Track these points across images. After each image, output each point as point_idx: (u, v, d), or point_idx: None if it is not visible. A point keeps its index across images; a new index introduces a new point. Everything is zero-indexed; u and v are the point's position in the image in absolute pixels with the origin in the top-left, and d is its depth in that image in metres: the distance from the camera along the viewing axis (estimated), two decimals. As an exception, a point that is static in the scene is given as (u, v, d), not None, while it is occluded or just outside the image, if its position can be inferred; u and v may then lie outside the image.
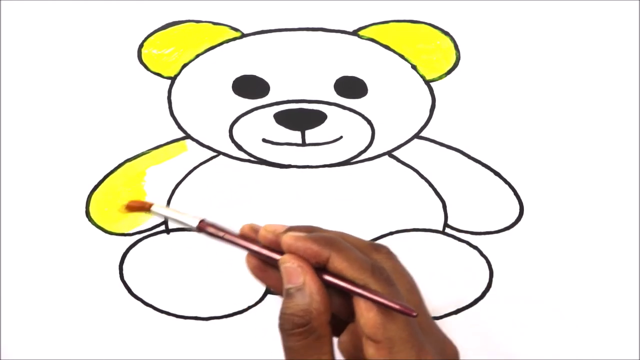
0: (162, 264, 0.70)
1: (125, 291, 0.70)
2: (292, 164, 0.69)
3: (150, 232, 0.70)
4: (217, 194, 0.69)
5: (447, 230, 0.69)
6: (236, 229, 0.69)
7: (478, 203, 0.69)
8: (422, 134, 0.68)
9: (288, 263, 0.45)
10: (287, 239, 0.46)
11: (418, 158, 0.69)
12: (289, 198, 0.69)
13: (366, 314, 0.43)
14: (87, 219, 0.69)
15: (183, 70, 0.68)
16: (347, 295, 0.45)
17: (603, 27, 0.66)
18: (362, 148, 0.68)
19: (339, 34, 0.67)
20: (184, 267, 0.70)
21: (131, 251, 0.70)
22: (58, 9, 0.66)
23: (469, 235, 0.69)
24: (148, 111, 0.68)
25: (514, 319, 0.69)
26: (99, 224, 0.69)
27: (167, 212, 0.51)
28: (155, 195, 0.69)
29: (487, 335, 0.69)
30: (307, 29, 0.67)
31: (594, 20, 0.66)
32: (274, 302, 0.70)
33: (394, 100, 0.68)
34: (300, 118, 0.67)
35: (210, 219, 0.69)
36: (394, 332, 0.43)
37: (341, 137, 0.68)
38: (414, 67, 0.67)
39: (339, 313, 0.47)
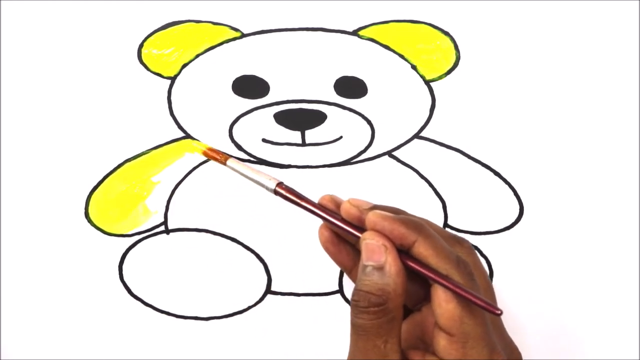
0: (161, 265, 0.70)
1: (125, 291, 0.70)
2: (292, 164, 0.69)
3: (149, 233, 0.70)
4: (216, 194, 0.69)
5: (447, 230, 0.69)
6: (239, 228, 0.70)
7: (478, 203, 0.69)
8: (422, 134, 0.68)
9: (372, 240, 0.44)
10: (374, 217, 0.44)
11: (418, 158, 0.69)
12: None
13: (445, 305, 0.42)
14: (86, 220, 0.69)
15: (183, 70, 0.68)
16: (421, 284, 0.44)
17: (603, 27, 0.66)
18: (362, 148, 0.68)
19: (339, 34, 0.67)
20: (184, 267, 0.70)
21: (131, 252, 0.70)
22: (58, 9, 0.66)
23: (469, 235, 0.69)
24: (148, 111, 0.68)
25: (514, 318, 0.69)
26: (98, 225, 0.69)
27: (243, 169, 0.49)
28: (155, 196, 0.69)
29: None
30: (307, 29, 0.67)
31: (594, 20, 0.66)
32: (274, 302, 0.70)
33: (394, 100, 0.68)
34: (300, 118, 0.67)
35: (215, 218, 0.69)
36: (471, 328, 0.42)
37: (341, 137, 0.68)
38: (414, 67, 0.68)
39: (407, 301, 0.46)
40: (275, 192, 0.48)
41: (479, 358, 0.42)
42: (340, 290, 0.71)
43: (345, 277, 0.70)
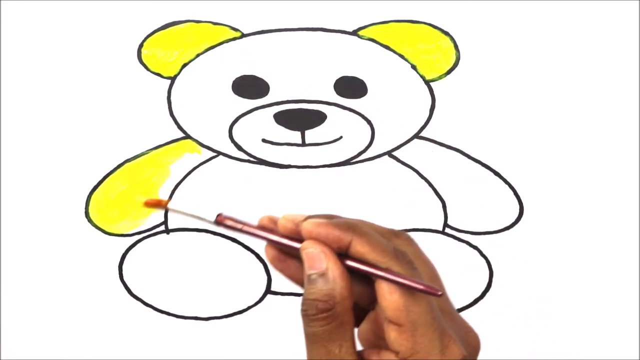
0: (161, 265, 0.70)
1: (125, 291, 0.70)
2: (292, 164, 0.69)
3: (149, 233, 0.70)
4: (216, 194, 0.69)
5: (447, 230, 0.69)
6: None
7: (478, 203, 0.69)
8: (422, 134, 0.68)
9: (310, 249, 0.45)
10: (308, 226, 0.45)
11: (418, 158, 0.68)
12: (289, 198, 0.69)
13: (389, 297, 0.43)
14: (86, 220, 0.69)
15: (183, 70, 0.68)
16: (368, 283, 0.45)
17: (603, 27, 0.66)
18: (362, 148, 0.68)
19: (339, 34, 0.67)
20: (184, 267, 0.70)
21: (131, 251, 0.70)
22: (58, 9, 0.66)
23: (469, 235, 0.69)
24: (148, 111, 0.68)
25: (514, 319, 0.69)
26: (98, 224, 0.69)
27: (184, 209, 0.51)
28: (155, 195, 0.69)
29: (486, 335, 0.69)
30: (307, 29, 0.67)
31: (594, 20, 0.66)
32: (274, 302, 0.70)
33: (393, 100, 0.68)
34: (300, 118, 0.67)
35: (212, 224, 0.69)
36: (417, 315, 0.43)
37: (341, 137, 0.68)
38: (414, 67, 0.67)
39: (359, 301, 0.46)
40: (217, 223, 0.49)
41: (430, 344, 0.43)
42: (340, 290, 0.70)
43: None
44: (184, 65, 0.68)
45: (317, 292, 0.44)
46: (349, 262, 0.44)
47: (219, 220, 0.49)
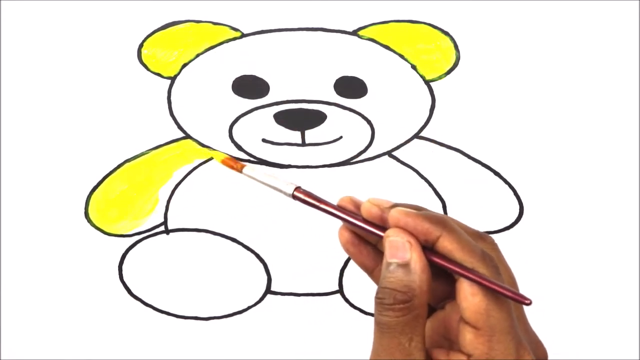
0: (161, 265, 0.70)
1: (125, 292, 0.70)
2: (292, 164, 0.69)
3: (149, 233, 0.70)
4: (216, 194, 0.69)
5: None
6: (239, 228, 0.70)
7: (478, 203, 0.69)
8: (422, 134, 0.68)
9: (397, 237, 0.43)
10: (397, 214, 0.44)
11: (418, 158, 0.68)
12: (289, 198, 0.69)
13: (471, 298, 0.42)
14: (86, 220, 0.69)
15: (183, 70, 0.68)
16: (444, 281, 0.44)
17: (603, 27, 0.66)
18: (362, 148, 0.68)
19: (338, 34, 0.67)
20: (184, 268, 0.70)
21: (130, 252, 0.70)
22: (58, 9, 0.66)
23: (469, 235, 0.69)
24: (148, 111, 0.68)
25: (514, 319, 0.69)
26: (98, 225, 0.69)
27: (259, 175, 0.49)
28: (154, 195, 0.69)
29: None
30: (307, 29, 0.67)
31: (594, 20, 0.66)
32: (274, 303, 0.70)
33: (393, 100, 0.68)
34: (300, 118, 0.67)
35: (215, 218, 0.69)
36: (497, 321, 0.42)
37: (341, 137, 0.68)
38: (413, 67, 0.68)
39: (431, 298, 0.45)
40: (294, 197, 0.47)
41: (505, 351, 0.42)
42: (340, 290, 0.70)
43: (345, 278, 0.70)
44: (184, 65, 0.68)
45: (397, 282, 0.43)
46: (434, 258, 0.43)
47: (297, 194, 0.47)
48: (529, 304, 0.42)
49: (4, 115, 0.68)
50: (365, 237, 0.47)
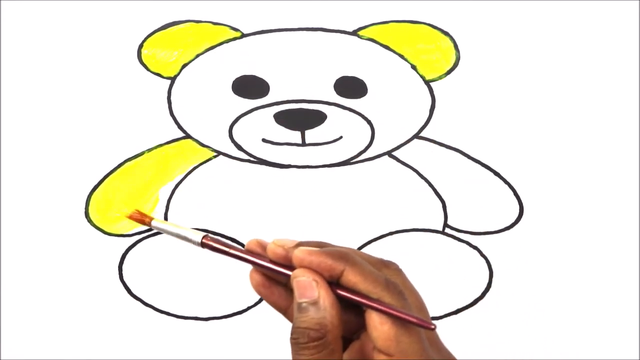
0: (161, 265, 0.70)
1: (125, 292, 0.70)
2: (292, 164, 0.69)
3: (149, 233, 0.70)
4: (216, 194, 0.69)
5: (447, 230, 0.69)
6: (239, 228, 0.70)
7: (478, 203, 0.69)
8: (422, 134, 0.68)
9: (303, 277, 0.45)
10: (300, 253, 0.46)
11: (418, 158, 0.69)
12: (289, 198, 0.69)
13: (380, 327, 0.43)
14: (86, 220, 0.69)
15: (183, 70, 0.68)
16: (355, 312, 0.45)
17: (603, 27, 0.66)
18: (362, 148, 0.68)
19: (339, 34, 0.67)
20: (184, 268, 0.70)
21: (130, 252, 0.70)
22: (58, 9, 0.66)
23: (469, 235, 0.69)
24: (148, 111, 0.68)
25: (514, 319, 0.69)
26: (98, 225, 0.69)
27: (168, 227, 0.50)
28: (154, 195, 0.69)
29: (487, 335, 0.69)
30: (307, 29, 0.67)
31: (594, 20, 0.66)
32: (274, 302, 0.70)
33: (393, 100, 0.68)
34: (300, 118, 0.67)
35: (215, 218, 0.69)
36: (407, 346, 0.43)
37: (341, 137, 0.68)
38: (413, 67, 0.68)
39: (345, 330, 0.47)
40: (203, 245, 0.48)
41: None
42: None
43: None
44: (184, 65, 0.68)
45: (309, 321, 0.44)
46: (341, 292, 0.45)
47: (205, 242, 0.49)
48: (434, 329, 0.43)
49: (4, 115, 0.68)
50: (276, 278, 0.48)
